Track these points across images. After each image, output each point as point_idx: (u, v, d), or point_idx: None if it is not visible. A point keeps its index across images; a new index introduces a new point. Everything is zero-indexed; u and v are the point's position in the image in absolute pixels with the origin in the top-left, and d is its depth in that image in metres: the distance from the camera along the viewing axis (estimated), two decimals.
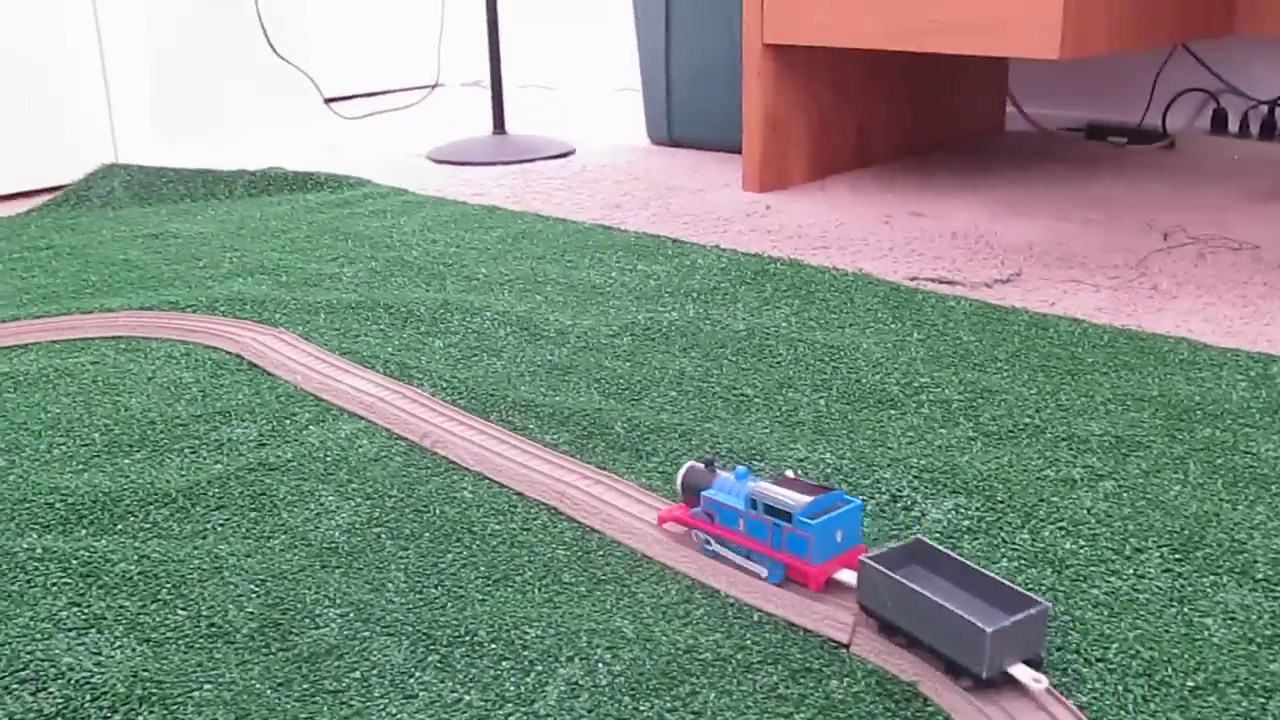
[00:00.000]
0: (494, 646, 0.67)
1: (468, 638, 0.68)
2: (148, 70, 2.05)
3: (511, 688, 0.64)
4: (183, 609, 0.73)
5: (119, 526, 0.84)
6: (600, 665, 0.65)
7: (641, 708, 0.62)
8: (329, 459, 0.93)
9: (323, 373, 1.09)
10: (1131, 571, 0.75)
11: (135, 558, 0.78)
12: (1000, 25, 1.56)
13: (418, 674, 0.65)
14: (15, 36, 1.96)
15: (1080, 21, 1.55)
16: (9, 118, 1.98)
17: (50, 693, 0.64)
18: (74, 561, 0.78)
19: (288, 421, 1.00)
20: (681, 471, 0.79)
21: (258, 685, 0.65)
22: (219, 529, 0.83)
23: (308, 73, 2.22)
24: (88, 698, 0.64)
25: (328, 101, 2.33)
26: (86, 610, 0.73)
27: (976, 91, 2.23)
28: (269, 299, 1.32)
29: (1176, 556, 0.76)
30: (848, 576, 0.71)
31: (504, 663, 0.66)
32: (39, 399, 1.08)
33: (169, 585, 0.75)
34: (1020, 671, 0.62)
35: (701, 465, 0.78)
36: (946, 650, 0.63)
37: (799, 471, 0.88)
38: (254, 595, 0.73)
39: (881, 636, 0.67)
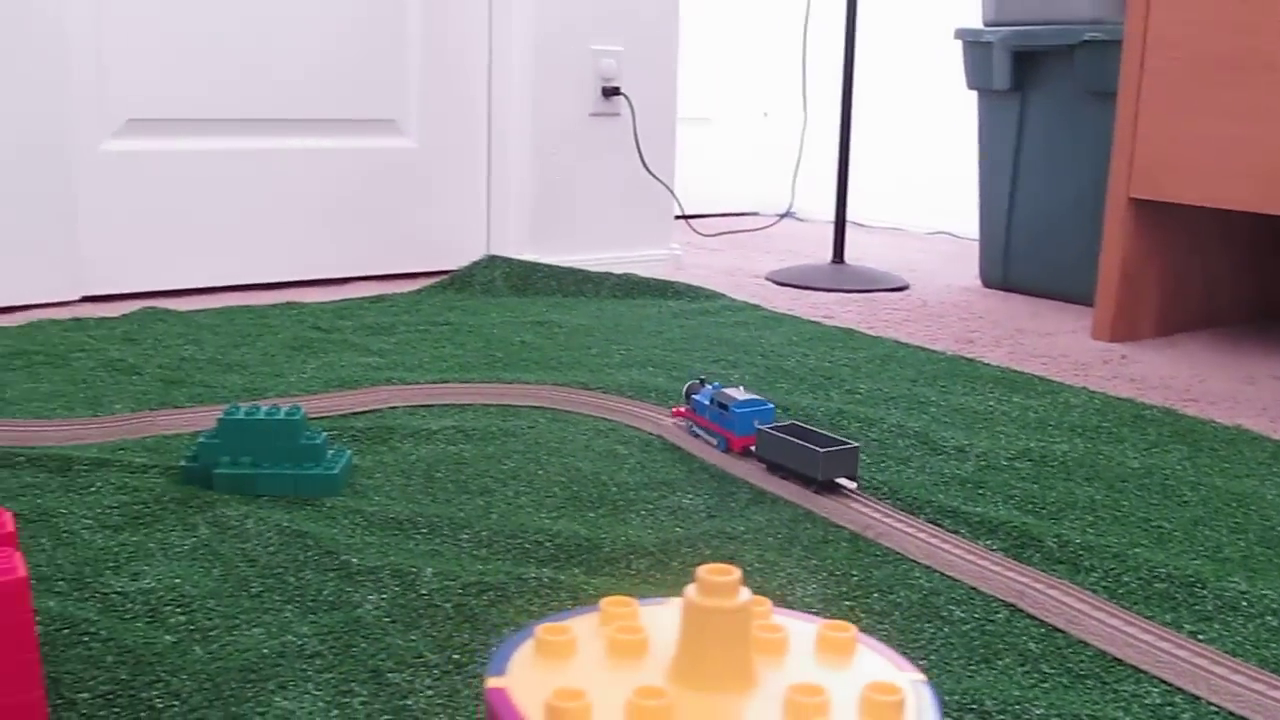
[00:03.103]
0: (1002, 718, 0.72)
1: (975, 706, 0.73)
2: (528, 174, 2.23)
3: None
4: None
5: (606, 569, 0.93)
6: None
7: None
8: (780, 536, 1.00)
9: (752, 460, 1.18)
10: None
11: (638, 596, 0.87)
12: None
13: None
14: (417, 137, 2.18)
15: None
16: (405, 208, 2.19)
17: None
18: (580, 594, 0.87)
19: (729, 499, 1.09)
20: (686, 386, 1.28)
21: None
22: None
23: (671, 189, 2.37)
24: None
25: (678, 218, 2.48)
26: None
27: None
28: (667, 390, 1.42)
29: None
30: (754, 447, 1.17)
31: None
32: (493, 451, 1.20)
33: None
34: (842, 480, 1.09)
35: (697, 381, 1.28)
36: (802, 470, 1.09)
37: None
38: None
39: (769, 473, 1.14)
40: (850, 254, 2.66)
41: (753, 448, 1.17)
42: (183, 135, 2.00)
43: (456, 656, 0.78)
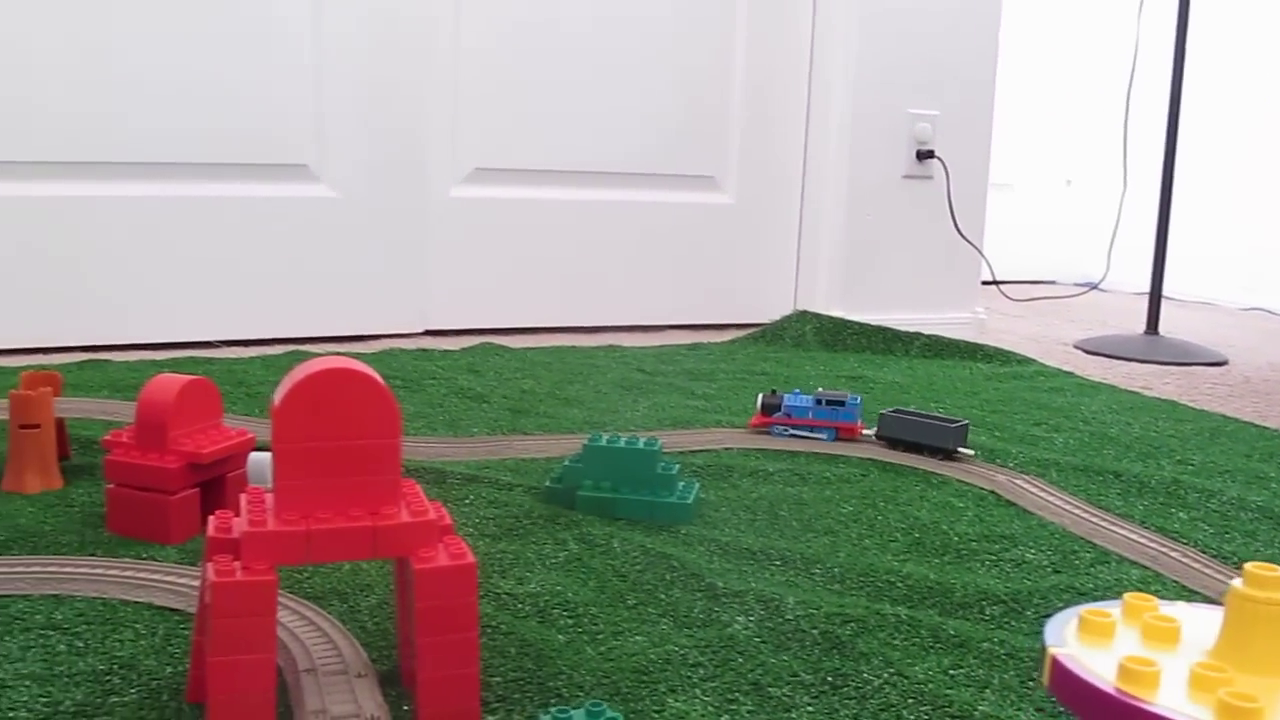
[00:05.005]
0: None
1: None
2: (839, 233, 2.29)
3: None
4: None
5: (960, 612, 0.96)
6: None
7: None
8: None
9: (1091, 519, 1.18)
10: None
11: (996, 640, 0.89)
12: None
13: None
14: (734, 193, 2.27)
15: None
16: (718, 261, 2.27)
17: None
18: (942, 633, 0.90)
19: (1072, 556, 1.10)
20: (760, 398, 1.46)
21: None
22: None
23: (982, 253, 2.38)
24: None
25: (985, 283, 2.49)
26: (973, 675, 0.84)
27: None
28: (995, 449, 1.44)
29: None
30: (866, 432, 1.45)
31: None
32: (830, 495, 1.24)
33: (1034, 665, 0.85)
34: (961, 449, 1.37)
35: (770, 392, 1.46)
36: (929, 441, 1.37)
37: None
38: None
39: (885, 448, 1.40)
40: (1160, 327, 2.59)
41: (867, 431, 1.43)
42: (521, 184, 2.14)
43: (830, 679, 0.82)
